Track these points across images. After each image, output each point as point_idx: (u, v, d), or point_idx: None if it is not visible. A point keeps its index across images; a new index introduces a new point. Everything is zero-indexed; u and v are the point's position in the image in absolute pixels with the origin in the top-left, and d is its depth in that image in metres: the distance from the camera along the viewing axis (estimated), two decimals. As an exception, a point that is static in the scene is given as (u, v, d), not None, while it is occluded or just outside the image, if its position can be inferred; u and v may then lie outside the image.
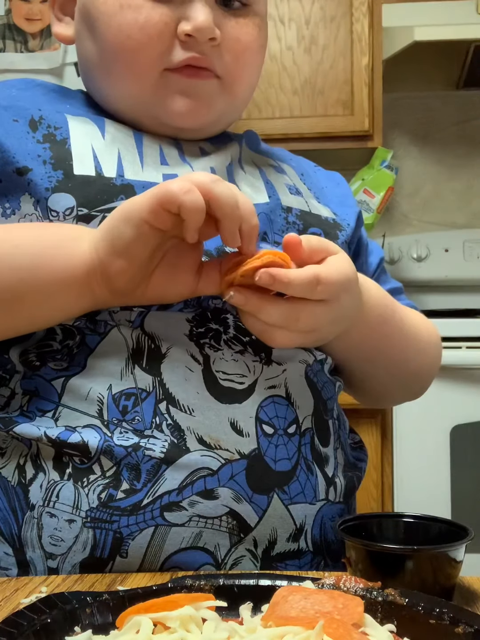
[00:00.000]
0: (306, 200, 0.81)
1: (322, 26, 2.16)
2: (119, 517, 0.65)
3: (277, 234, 0.75)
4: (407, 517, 0.63)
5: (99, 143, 0.73)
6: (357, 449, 0.84)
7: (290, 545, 0.69)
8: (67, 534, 0.65)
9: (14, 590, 0.59)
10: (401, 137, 2.54)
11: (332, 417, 0.76)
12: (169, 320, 0.69)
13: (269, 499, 0.67)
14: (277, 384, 0.70)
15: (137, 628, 0.44)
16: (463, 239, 2.44)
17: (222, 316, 0.70)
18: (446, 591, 0.56)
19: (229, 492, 0.66)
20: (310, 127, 2.16)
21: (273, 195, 0.78)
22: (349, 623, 0.44)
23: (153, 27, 0.70)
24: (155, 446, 0.65)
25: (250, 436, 0.67)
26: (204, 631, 0.44)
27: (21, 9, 2.21)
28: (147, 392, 0.67)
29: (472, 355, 1.86)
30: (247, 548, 0.67)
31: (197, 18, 0.70)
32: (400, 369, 0.84)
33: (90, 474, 0.65)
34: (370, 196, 2.27)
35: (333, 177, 0.91)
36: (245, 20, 0.74)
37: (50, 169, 0.69)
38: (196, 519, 0.66)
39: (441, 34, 2.14)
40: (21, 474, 0.66)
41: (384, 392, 0.90)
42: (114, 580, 0.62)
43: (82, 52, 0.78)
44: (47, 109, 0.74)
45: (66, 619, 0.47)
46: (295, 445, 0.70)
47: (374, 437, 1.87)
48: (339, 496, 0.74)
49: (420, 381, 0.89)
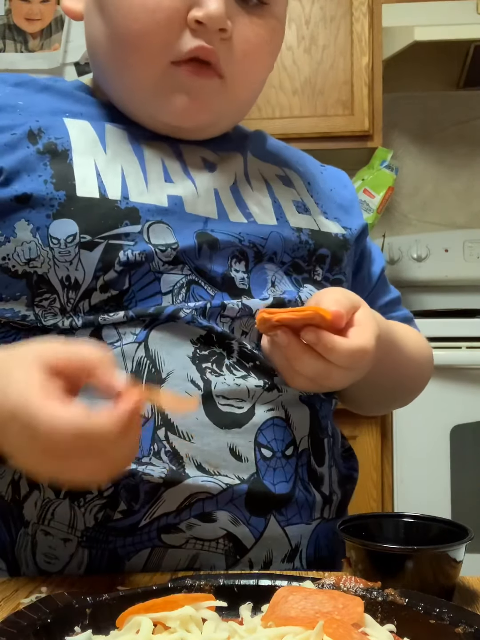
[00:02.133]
0: (314, 219, 0.80)
1: (322, 26, 2.16)
2: (115, 537, 0.64)
3: (287, 253, 0.75)
4: (407, 517, 0.63)
5: (101, 159, 0.71)
6: (348, 457, 0.84)
7: (285, 566, 0.69)
8: (62, 552, 0.64)
9: (14, 590, 0.59)
10: (401, 137, 2.54)
11: (327, 435, 0.75)
12: (173, 339, 0.67)
13: (266, 520, 0.67)
14: (275, 406, 0.70)
15: (137, 628, 0.44)
16: (463, 239, 2.44)
17: (227, 341, 0.69)
18: (446, 591, 0.56)
19: (227, 515, 0.66)
20: (310, 127, 2.16)
21: (281, 217, 0.77)
22: (349, 623, 0.44)
23: (163, 12, 0.68)
24: (153, 472, 0.64)
25: (249, 461, 0.67)
26: (204, 631, 0.44)
27: (21, 9, 2.21)
28: (146, 419, 0.66)
29: (472, 355, 1.86)
30: (243, 570, 0.67)
31: (210, 6, 0.67)
32: (395, 390, 0.87)
33: (87, 493, 0.64)
34: (370, 196, 2.27)
35: (340, 178, 0.90)
36: (260, 20, 0.72)
37: (52, 189, 0.67)
38: (193, 541, 0.65)
39: (441, 34, 2.13)
40: (15, 491, 0.65)
41: (377, 406, 0.95)
42: (114, 580, 0.62)
43: (91, 33, 0.75)
44: (45, 118, 0.71)
45: (66, 619, 0.47)
46: (293, 467, 0.69)
47: (374, 437, 1.87)
48: (333, 512, 0.74)
49: (412, 394, 0.92)
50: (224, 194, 0.75)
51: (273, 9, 0.73)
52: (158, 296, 0.68)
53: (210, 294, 0.70)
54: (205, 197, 0.73)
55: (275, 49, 0.76)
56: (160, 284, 0.68)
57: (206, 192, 0.73)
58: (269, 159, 0.83)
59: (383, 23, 2.16)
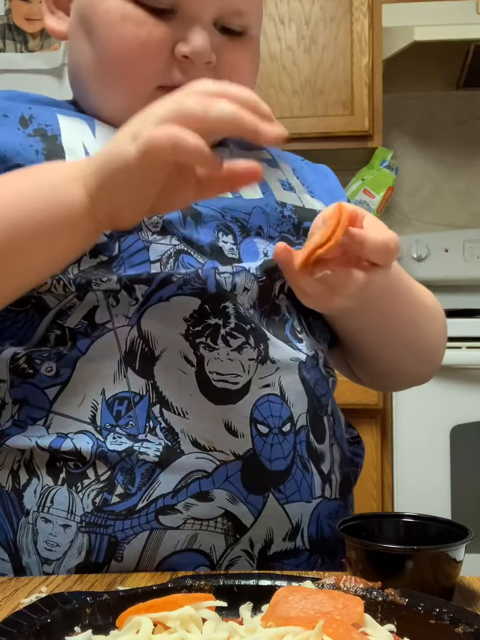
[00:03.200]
0: (299, 196, 0.81)
1: (322, 26, 2.16)
2: (113, 521, 0.65)
3: (272, 228, 0.76)
4: (407, 517, 0.63)
5: (90, 140, 0.73)
6: (355, 443, 0.84)
7: (287, 545, 0.69)
8: (62, 539, 0.65)
9: (14, 590, 0.59)
10: (401, 137, 2.54)
11: (326, 413, 0.75)
12: (166, 318, 0.68)
13: (264, 499, 0.67)
14: (271, 382, 0.70)
15: (137, 628, 0.44)
16: (463, 239, 2.44)
17: (223, 305, 0.69)
18: (446, 591, 0.56)
19: (224, 493, 0.66)
20: (310, 127, 2.16)
21: (267, 191, 0.78)
22: (349, 623, 0.44)
23: (154, 44, 0.70)
24: (149, 450, 0.65)
25: (245, 437, 0.67)
26: (204, 631, 0.44)
27: (21, 9, 2.21)
28: (141, 396, 0.66)
29: (472, 355, 1.86)
30: (243, 548, 0.67)
31: (196, 41, 0.70)
32: (408, 335, 0.82)
33: (84, 479, 0.65)
34: (370, 196, 2.27)
35: (320, 170, 0.92)
36: (242, 44, 0.75)
37: (43, 159, 0.69)
38: (191, 522, 0.65)
39: (441, 34, 2.13)
40: (15, 480, 0.66)
41: (396, 366, 0.87)
42: (114, 580, 0.62)
43: (76, 54, 0.77)
44: (36, 109, 0.73)
45: (66, 619, 0.47)
46: (291, 443, 0.70)
47: (374, 437, 1.87)
48: (335, 492, 0.74)
49: (429, 354, 0.87)
50: None
51: (250, 33, 0.76)
52: (146, 264, 0.69)
53: (200, 262, 0.70)
54: None
55: (257, 66, 0.79)
56: (149, 252, 0.69)
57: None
58: (255, 149, 0.85)
59: (383, 23, 2.16)
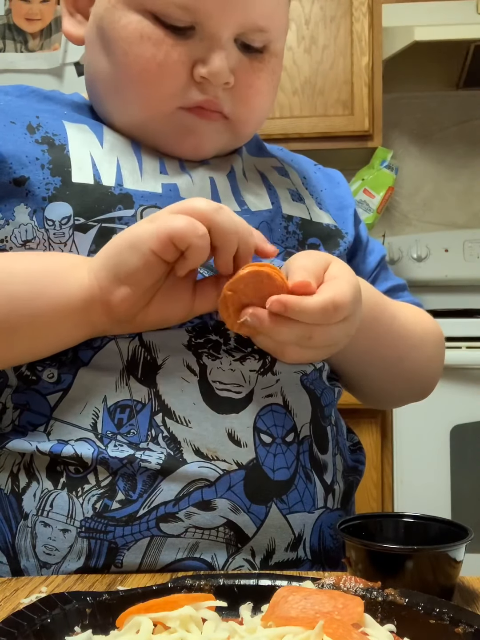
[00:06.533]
0: (308, 207, 0.80)
1: (322, 26, 2.16)
2: (114, 527, 0.64)
3: (276, 243, 0.75)
4: (407, 517, 0.63)
5: (98, 151, 0.72)
6: (356, 451, 0.84)
7: (289, 555, 0.68)
8: (62, 543, 0.65)
9: (14, 590, 0.59)
10: (401, 137, 2.54)
11: (330, 423, 0.75)
12: (168, 331, 0.68)
13: (267, 509, 0.67)
14: (273, 392, 0.70)
15: (137, 628, 0.44)
16: (463, 239, 2.44)
17: (223, 328, 0.69)
18: (446, 591, 0.56)
19: (226, 502, 0.66)
20: (310, 127, 2.16)
21: (275, 201, 0.77)
22: (349, 623, 0.44)
23: (171, 66, 0.69)
24: (151, 458, 0.65)
25: (248, 446, 0.67)
26: (204, 631, 0.44)
27: (21, 9, 2.21)
28: (143, 404, 0.66)
29: (472, 355, 1.86)
30: (245, 558, 0.67)
31: (214, 63, 0.69)
32: (394, 367, 0.82)
33: (84, 484, 0.65)
34: (370, 196, 2.27)
35: (333, 177, 0.90)
36: (260, 64, 0.73)
37: (48, 174, 0.68)
38: (192, 530, 0.65)
39: (441, 34, 2.13)
40: (14, 483, 0.66)
41: (383, 393, 0.89)
42: (114, 580, 0.62)
43: (93, 63, 0.76)
44: (44, 116, 0.73)
45: (66, 619, 0.47)
46: (294, 453, 0.69)
47: (374, 437, 1.87)
48: (337, 503, 0.73)
49: (419, 379, 0.87)
50: (220, 181, 0.75)
51: (271, 48, 0.74)
52: None
53: (204, 275, 0.70)
54: (200, 185, 0.74)
55: (276, 83, 0.77)
56: None
57: (201, 180, 0.74)
58: (265, 155, 0.85)
59: (383, 23, 2.16)
